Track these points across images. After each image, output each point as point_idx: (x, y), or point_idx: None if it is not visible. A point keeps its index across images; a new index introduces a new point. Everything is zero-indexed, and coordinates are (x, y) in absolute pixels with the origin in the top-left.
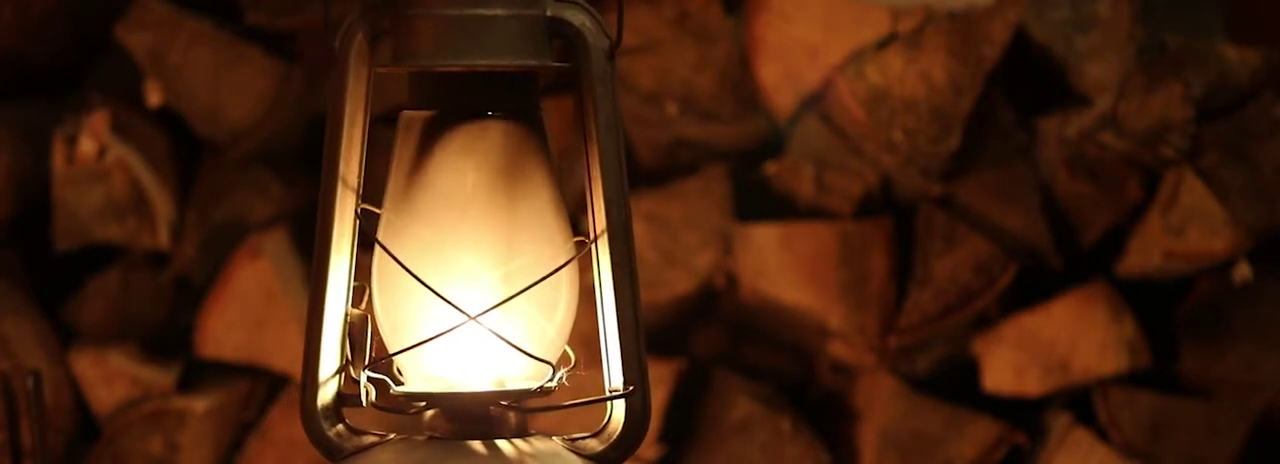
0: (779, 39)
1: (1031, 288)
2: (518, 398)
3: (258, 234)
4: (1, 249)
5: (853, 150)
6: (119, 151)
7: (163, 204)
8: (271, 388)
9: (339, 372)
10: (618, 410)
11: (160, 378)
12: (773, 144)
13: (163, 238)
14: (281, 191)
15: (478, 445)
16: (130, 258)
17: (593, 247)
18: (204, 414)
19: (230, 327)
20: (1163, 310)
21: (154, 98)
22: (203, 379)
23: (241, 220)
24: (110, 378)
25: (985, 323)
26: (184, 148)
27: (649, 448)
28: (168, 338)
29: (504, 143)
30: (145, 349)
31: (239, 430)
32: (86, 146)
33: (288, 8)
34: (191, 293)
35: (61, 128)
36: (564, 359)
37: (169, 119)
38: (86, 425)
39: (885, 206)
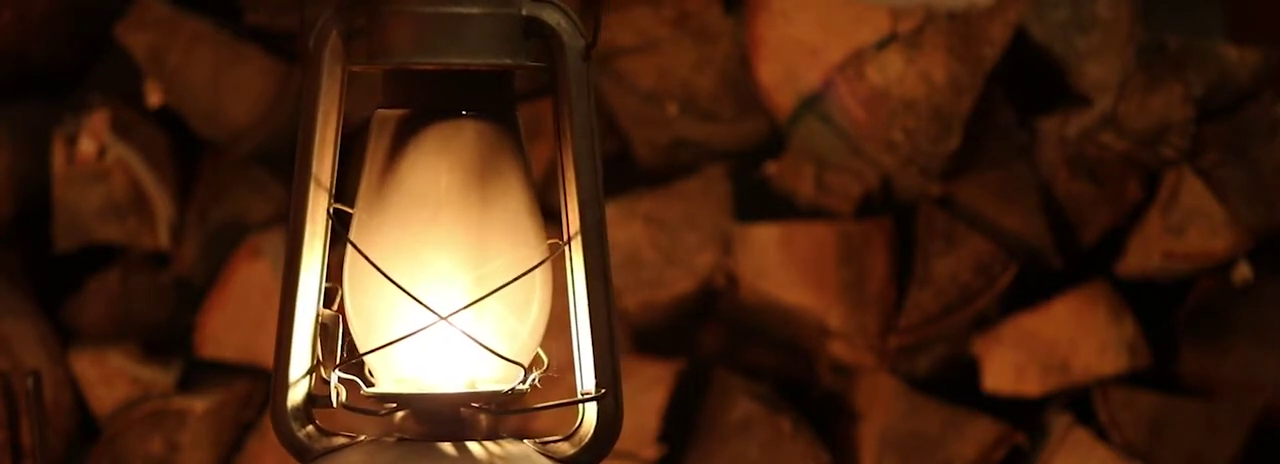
0: (779, 39)
1: (1031, 288)
2: (489, 400)
3: (258, 234)
4: (1, 249)
5: (853, 150)
6: (119, 151)
7: (163, 204)
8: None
9: (310, 372)
10: (589, 413)
11: (160, 378)
12: (773, 144)
13: (163, 238)
14: (281, 192)
15: (448, 447)
16: (130, 258)
17: (567, 248)
18: (204, 414)
19: (230, 327)
20: (1163, 310)
21: (154, 98)
22: (203, 379)
23: (241, 220)
24: (110, 378)
25: (985, 323)
26: (184, 148)
27: (649, 448)
28: (168, 338)
29: (478, 143)
30: (145, 349)
31: (239, 430)
32: (86, 146)
33: (288, 8)
34: (191, 293)
35: (61, 128)
36: (537, 361)
37: (169, 119)
38: (86, 425)
39: (885, 207)
